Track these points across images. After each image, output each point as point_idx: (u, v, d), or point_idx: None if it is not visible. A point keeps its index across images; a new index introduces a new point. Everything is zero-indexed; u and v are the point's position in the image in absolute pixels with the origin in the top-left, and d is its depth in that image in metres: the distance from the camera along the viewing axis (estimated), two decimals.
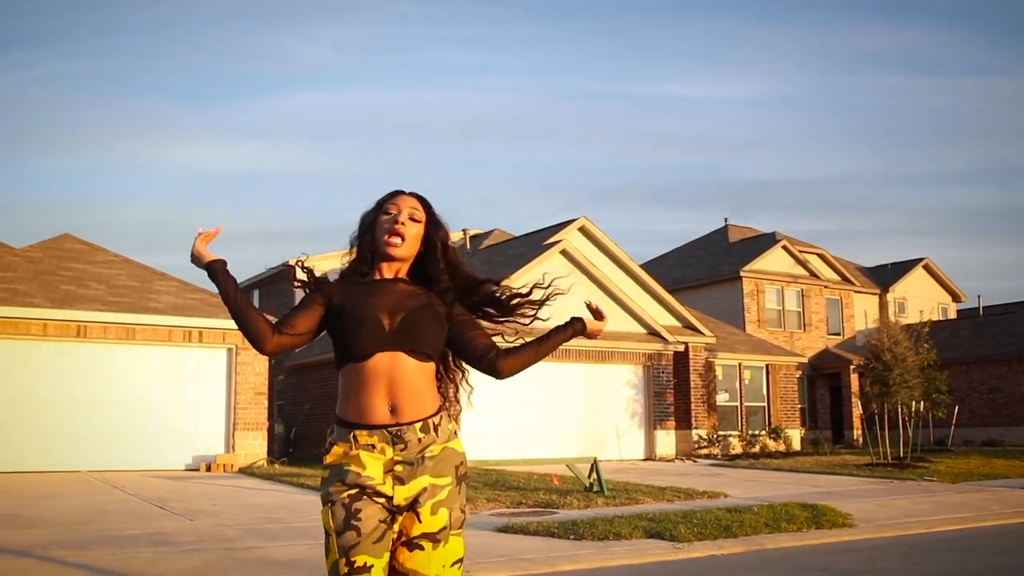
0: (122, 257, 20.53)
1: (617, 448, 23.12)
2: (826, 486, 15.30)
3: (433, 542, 2.98)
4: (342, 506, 2.92)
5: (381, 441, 2.98)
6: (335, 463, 3.00)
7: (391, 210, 3.16)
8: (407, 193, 3.25)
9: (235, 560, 7.78)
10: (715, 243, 38.26)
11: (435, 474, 3.01)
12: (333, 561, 2.91)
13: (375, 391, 2.99)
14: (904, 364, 20.58)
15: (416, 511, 2.98)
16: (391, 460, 2.97)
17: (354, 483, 2.94)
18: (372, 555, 2.90)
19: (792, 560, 8.30)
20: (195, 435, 18.23)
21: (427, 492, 3.00)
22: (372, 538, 2.91)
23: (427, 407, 3.05)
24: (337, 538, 2.90)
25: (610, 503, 12.17)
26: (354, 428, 3.00)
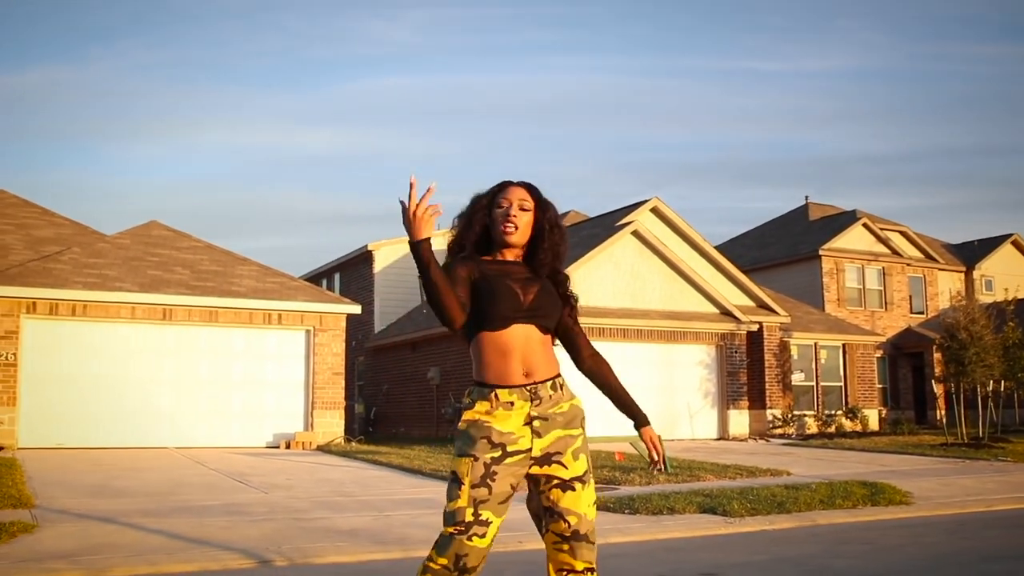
0: (205, 243, 21.34)
1: (690, 427, 23.27)
2: (894, 465, 15.28)
3: (582, 483, 3.42)
4: (483, 464, 3.30)
5: (520, 399, 3.39)
6: (478, 419, 3.38)
7: (503, 203, 3.54)
8: (515, 184, 3.61)
9: (300, 528, 8.25)
10: (794, 222, 37.90)
11: (566, 427, 3.45)
12: (460, 507, 3.29)
13: (512, 357, 3.42)
14: (981, 343, 20.30)
15: (560, 461, 3.40)
16: (528, 415, 3.39)
17: (498, 442, 3.33)
18: (496, 513, 3.31)
19: (839, 535, 8.47)
20: (275, 414, 18.97)
21: (564, 442, 3.42)
22: (499, 498, 3.32)
23: (553, 369, 3.51)
24: (471, 489, 3.29)
25: (671, 480, 12.36)
26: (495, 388, 3.40)
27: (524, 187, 3.61)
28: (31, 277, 17.59)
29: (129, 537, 7.67)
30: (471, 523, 3.27)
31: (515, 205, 3.54)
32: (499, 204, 3.55)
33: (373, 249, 27.87)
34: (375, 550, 7.41)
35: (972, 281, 37.21)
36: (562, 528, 3.39)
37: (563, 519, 3.39)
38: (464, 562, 3.27)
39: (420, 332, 24.64)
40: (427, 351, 24.69)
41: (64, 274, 18.00)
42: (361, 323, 26.57)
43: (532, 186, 3.64)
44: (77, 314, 17.59)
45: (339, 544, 7.56)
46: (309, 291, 20.38)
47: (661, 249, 23.23)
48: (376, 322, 27.70)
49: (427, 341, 24.60)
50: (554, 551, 3.43)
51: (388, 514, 9.31)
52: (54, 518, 8.58)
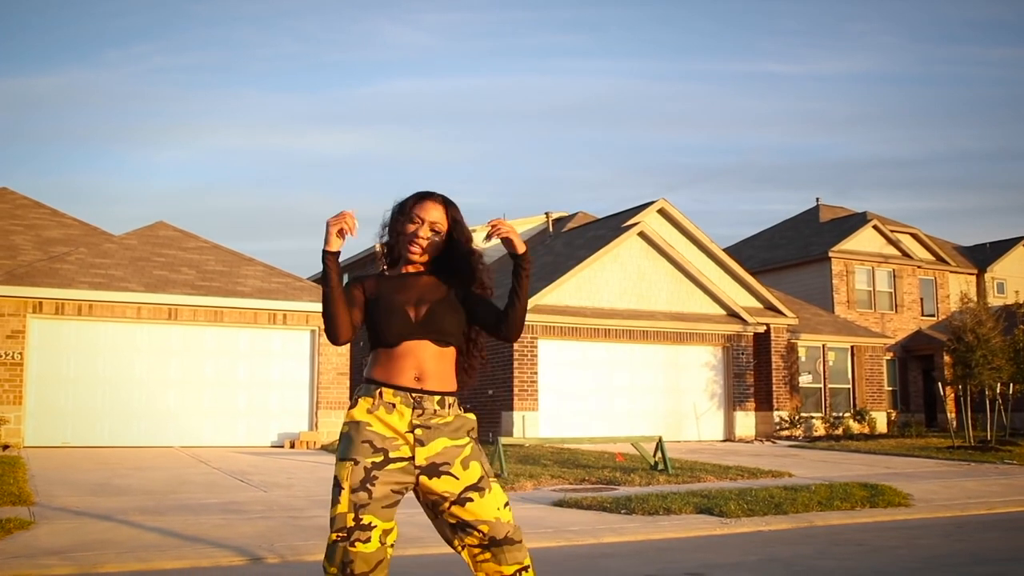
0: (212, 243, 21.42)
1: (696, 429, 23.23)
2: (898, 467, 15.23)
3: (478, 491, 3.33)
4: (363, 468, 3.22)
5: (403, 403, 3.33)
6: (359, 420, 3.31)
7: (415, 220, 3.48)
8: (431, 199, 3.53)
9: (295, 527, 8.27)
10: (805, 224, 37.79)
11: (452, 437, 3.36)
12: (341, 513, 3.23)
13: (404, 361, 3.37)
14: (988, 345, 20.23)
15: (449, 472, 3.31)
16: (410, 423, 3.32)
17: (380, 447, 3.26)
18: (380, 518, 3.23)
19: (833, 536, 8.45)
20: (280, 413, 19.02)
21: (451, 452, 3.34)
22: (382, 503, 3.24)
23: (447, 385, 3.43)
24: (351, 494, 3.21)
25: (672, 481, 12.36)
26: (381, 386, 3.35)
27: (441, 204, 3.55)
28: (37, 277, 17.69)
29: (124, 534, 7.72)
30: (352, 528, 3.20)
31: (426, 226, 3.49)
32: (412, 219, 3.50)
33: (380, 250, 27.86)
34: None
35: (983, 284, 37.03)
36: (477, 539, 3.35)
37: (475, 530, 3.34)
38: (351, 569, 3.18)
39: None
40: None
41: (70, 274, 18.10)
42: None
43: (449, 204, 3.57)
44: (83, 314, 17.68)
45: None
46: (314, 291, 20.40)
47: (667, 250, 23.21)
48: None
49: None
50: (478, 564, 3.38)
51: None
52: (52, 515, 8.64)
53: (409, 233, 3.50)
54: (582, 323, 21.86)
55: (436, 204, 3.53)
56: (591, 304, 22.29)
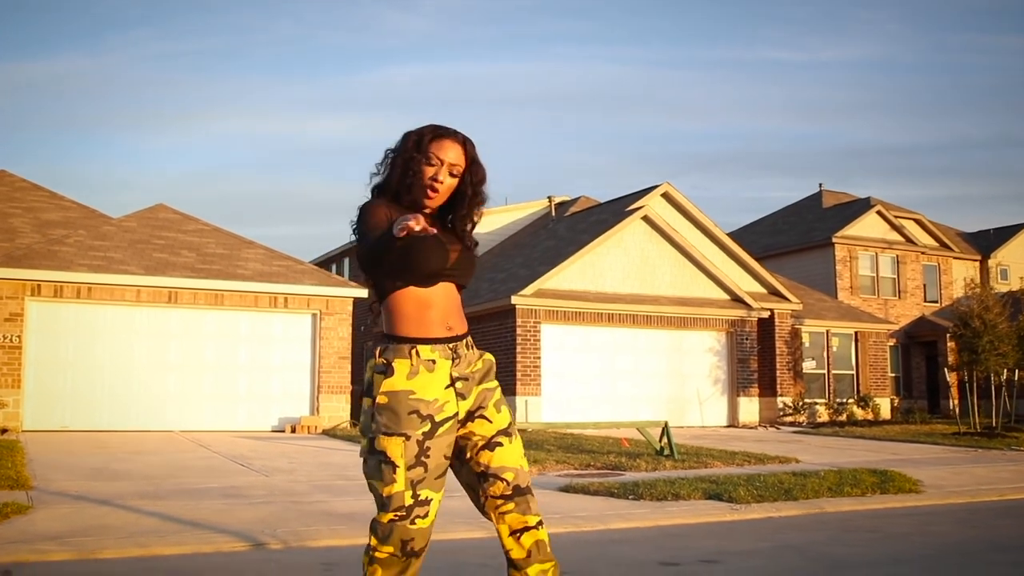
0: (212, 226, 21.24)
1: (699, 414, 23.09)
2: (905, 454, 15.08)
3: (508, 436, 3.28)
4: (416, 443, 3.07)
5: (442, 356, 3.16)
6: (400, 391, 3.10)
7: (433, 162, 3.19)
8: (451, 137, 3.25)
9: (298, 512, 8.12)
10: (808, 209, 37.60)
11: (486, 380, 3.30)
12: (397, 492, 3.06)
13: (434, 309, 3.19)
14: (995, 331, 20.07)
15: (483, 415, 3.25)
16: (450, 375, 3.17)
17: (426, 414, 3.09)
18: (434, 489, 3.12)
19: (845, 522, 8.29)
20: (281, 397, 18.88)
21: (484, 395, 3.28)
22: (436, 473, 3.13)
23: (466, 326, 3.32)
24: (407, 471, 3.06)
25: (678, 466, 12.20)
26: (415, 343, 3.15)
27: (461, 144, 3.27)
28: (35, 259, 17.52)
29: (123, 519, 7.56)
30: (411, 507, 3.08)
31: (445, 169, 3.22)
32: (429, 160, 3.21)
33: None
34: None
35: (987, 270, 36.87)
36: (501, 489, 3.22)
37: (499, 479, 3.23)
38: (411, 546, 3.10)
39: None
40: None
41: (69, 256, 17.92)
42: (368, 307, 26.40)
43: (469, 143, 3.30)
44: (82, 297, 17.51)
45: (336, 527, 7.43)
46: (316, 275, 20.26)
47: (671, 234, 23.02)
48: None
49: None
50: (500, 515, 3.25)
51: None
52: (50, 500, 8.48)
53: (428, 178, 3.22)
54: (585, 307, 21.69)
55: (455, 143, 3.26)
56: (594, 288, 22.12)
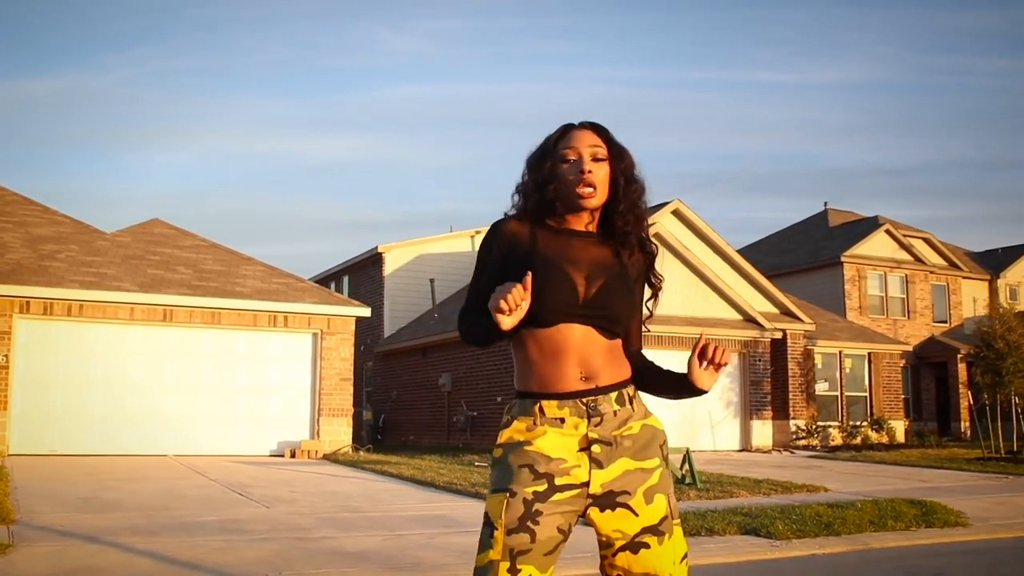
0: (209, 242, 20.56)
1: (711, 438, 22.41)
2: (934, 481, 14.43)
3: (658, 535, 2.54)
4: (523, 502, 2.45)
5: (573, 414, 2.52)
6: (516, 441, 2.54)
7: (570, 155, 2.64)
8: (577, 128, 2.72)
9: (303, 550, 7.43)
10: (814, 228, 37.02)
11: (639, 457, 2.57)
12: (492, 561, 2.45)
13: (565, 357, 2.55)
14: (1019, 352, 19.45)
15: (628, 504, 2.52)
16: (585, 438, 2.52)
17: (544, 471, 2.47)
18: (540, 567, 2.46)
19: (901, 561, 7.63)
20: (280, 421, 18.16)
21: (634, 477, 2.54)
22: (545, 548, 2.46)
23: (622, 373, 2.63)
24: (506, 536, 2.44)
25: (703, 496, 11.58)
26: (540, 399, 2.54)
27: (593, 129, 2.68)
28: (25, 275, 16.81)
29: (113, 560, 6.87)
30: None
31: (587, 157, 2.61)
32: (564, 157, 2.62)
33: (383, 251, 27.07)
34: None
35: (996, 290, 36.31)
36: None
37: None
38: None
39: (431, 337, 23.81)
40: (438, 357, 23.86)
41: (60, 272, 17.21)
42: (370, 327, 25.77)
43: (603, 128, 2.71)
44: (73, 314, 16.79)
45: (345, 570, 6.75)
46: (316, 292, 19.58)
47: (683, 253, 22.40)
48: (386, 326, 26.88)
49: (438, 346, 23.77)
50: None
51: (400, 533, 8.46)
52: (33, 536, 7.78)
53: (569, 169, 2.62)
54: None
55: (583, 129, 2.69)
56: None
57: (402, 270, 27.21)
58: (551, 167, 2.64)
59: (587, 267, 2.58)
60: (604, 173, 2.63)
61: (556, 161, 2.64)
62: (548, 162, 2.65)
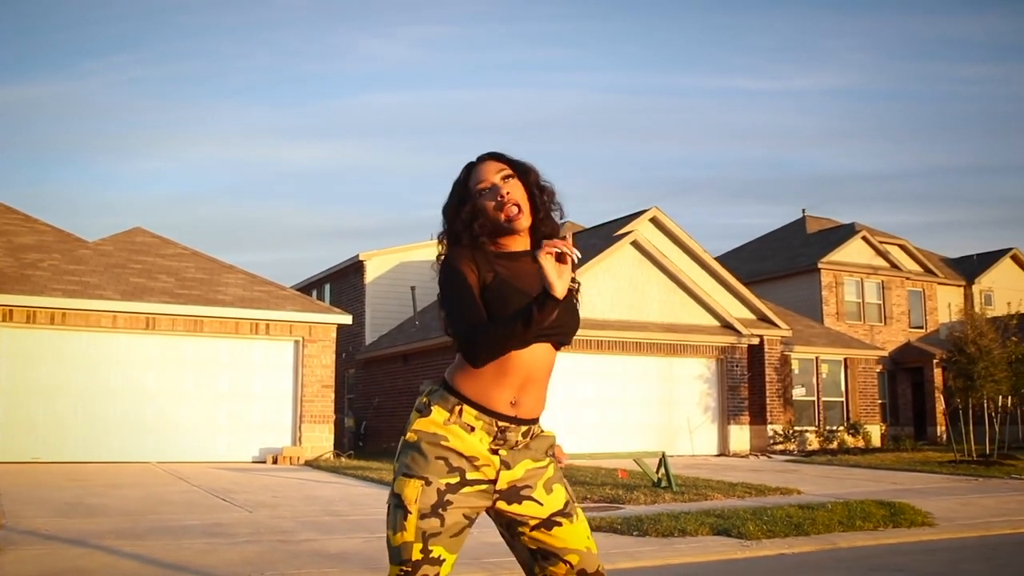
0: (191, 250, 20.70)
1: (689, 443, 22.67)
2: (906, 483, 14.72)
3: (567, 516, 2.84)
4: (437, 491, 2.71)
5: (482, 429, 2.76)
6: (435, 433, 2.76)
7: (483, 186, 2.82)
8: (479, 161, 2.90)
9: (286, 552, 7.62)
10: (792, 235, 37.42)
11: (536, 458, 2.87)
12: (406, 542, 2.70)
13: (505, 382, 2.77)
14: (990, 357, 19.79)
15: (532, 496, 2.81)
16: (491, 446, 2.79)
17: (457, 465, 2.74)
18: (448, 549, 2.75)
19: (866, 560, 7.88)
20: (262, 427, 18.30)
21: (533, 474, 2.84)
22: (452, 531, 2.75)
23: (538, 410, 2.88)
24: (419, 520, 2.70)
25: (678, 499, 11.82)
26: (463, 402, 2.78)
27: (492, 158, 2.88)
28: (7, 284, 16.92)
29: (99, 561, 7.04)
30: (419, 562, 2.69)
31: (499, 181, 2.81)
32: (478, 191, 2.81)
33: (364, 259, 27.25)
34: None
35: (971, 295, 36.74)
36: (564, 571, 2.81)
37: (561, 560, 2.81)
38: None
39: (412, 344, 24.00)
40: (419, 363, 24.04)
41: (43, 281, 17.33)
42: (352, 334, 25.93)
43: (500, 154, 2.90)
44: (56, 322, 16.90)
45: (327, 570, 6.94)
46: (298, 300, 19.74)
47: (661, 260, 22.67)
48: (367, 334, 27.06)
49: (420, 353, 23.96)
50: None
51: (381, 536, 8.59)
52: (19, 540, 7.94)
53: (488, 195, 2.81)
54: None
55: (487, 161, 2.87)
56: (583, 315, 21.61)
57: (383, 278, 27.38)
58: (471, 207, 2.82)
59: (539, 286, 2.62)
60: (520, 191, 2.82)
61: (473, 199, 2.82)
62: (467, 204, 2.83)
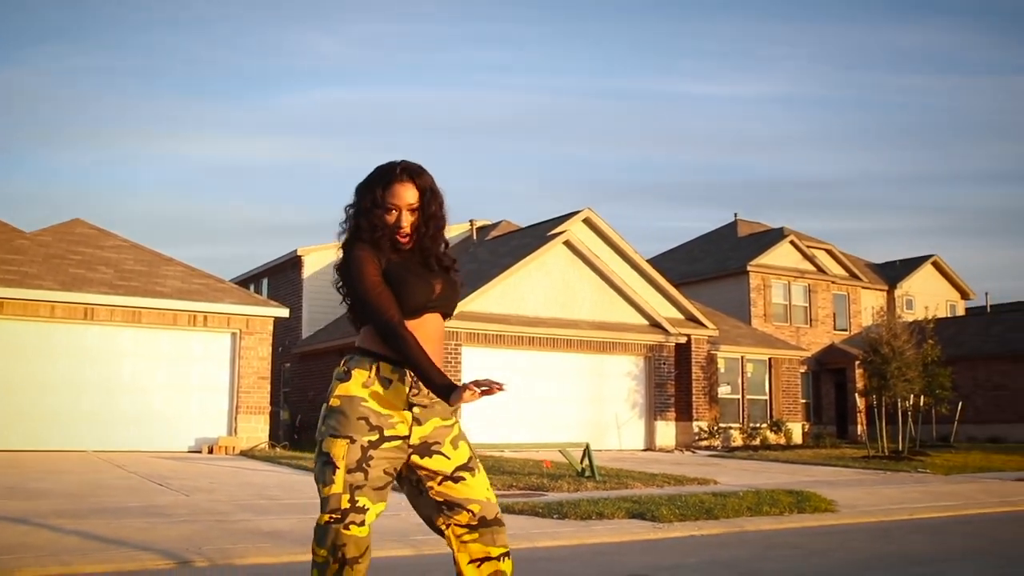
0: (130, 242, 20.84)
1: (617, 438, 23.32)
2: (818, 476, 15.46)
3: (469, 471, 3.29)
4: (360, 448, 3.15)
5: (399, 380, 3.24)
6: (354, 396, 3.21)
7: (392, 211, 3.31)
8: (399, 181, 3.34)
9: (223, 530, 8.01)
10: (724, 238, 38.36)
11: (443, 416, 3.31)
12: (335, 493, 3.14)
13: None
14: (903, 358, 20.70)
15: (441, 451, 3.27)
16: (407, 400, 3.24)
17: (376, 424, 3.18)
18: (372, 500, 3.18)
19: (767, 540, 8.49)
20: (199, 418, 18.55)
21: (442, 431, 3.30)
22: (376, 483, 3.18)
23: (439, 363, 3.32)
24: (346, 474, 3.13)
25: (600, 487, 12.33)
26: (379, 359, 3.23)
27: (411, 180, 3.36)
28: None
29: (42, 538, 7.38)
30: (347, 510, 3.14)
31: (404, 213, 3.33)
32: (388, 209, 3.32)
33: (302, 254, 27.49)
34: (298, 551, 7.20)
35: (894, 300, 37.94)
36: (467, 519, 3.29)
37: (464, 509, 3.28)
38: (343, 552, 3.13)
39: (349, 338, 24.29)
40: None
41: None
42: (288, 329, 26.18)
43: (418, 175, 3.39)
44: None
45: (262, 545, 7.37)
46: (236, 293, 20.01)
47: (592, 260, 23.28)
48: (304, 328, 27.32)
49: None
50: (462, 543, 3.31)
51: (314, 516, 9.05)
52: None
53: (391, 226, 3.34)
54: (507, 331, 21.78)
55: (405, 183, 3.36)
56: (516, 312, 22.23)
57: (321, 273, 27.64)
58: (380, 215, 3.32)
59: (427, 273, 3.34)
60: (415, 219, 3.37)
61: (381, 210, 3.32)
62: (377, 210, 3.33)
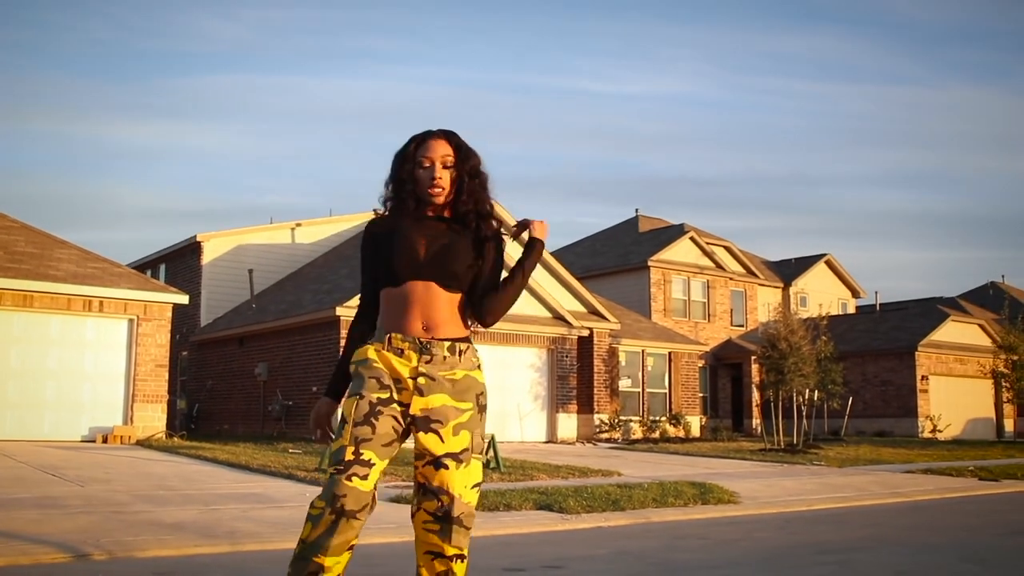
0: (21, 223, 20.06)
1: (519, 430, 23.39)
2: (718, 468, 15.73)
3: (457, 462, 3.19)
4: (368, 403, 3.16)
5: (411, 349, 3.22)
6: (368, 359, 3.25)
7: (425, 163, 3.32)
8: (434, 136, 3.39)
9: (121, 522, 7.76)
10: (625, 233, 38.77)
11: (456, 398, 3.24)
12: (341, 446, 3.11)
13: (411, 310, 3.26)
14: (799, 353, 21.22)
15: (438, 431, 3.19)
16: (415, 368, 3.21)
17: (387, 383, 3.20)
18: (378, 455, 3.13)
19: (674, 531, 8.59)
20: (93, 406, 17.96)
21: (447, 412, 3.22)
22: (383, 440, 3.14)
23: (458, 331, 3.30)
24: (353, 427, 3.12)
25: (505, 478, 12.35)
26: (390, 333, 3.25)
27: (445, 139, 3.40)
28: None
29: None
30: (351, 462, 3.08)
31: (438, 164, 3.33)
32: (421, 164, 3.34)
33: (202, 240, 26.86)
34: (202, 543, 7.03)
35: (789, 297, 38.92)
36: (434, 507, 3.21)
37: (436, 498, 3.21)
38: (341, 503, 3.05)
39: (249, 327, 23.90)
40: (255, 346, 23.97)
41: None
42: (187, 316, 25.57)
43: (453, 136, 3.43)
44: None
45: (163, 537, 7.15)
46: (133, 278, 19.43)
47: None
48: (203, 316, 26.69)
49: (256, 336, 23.89)
50: (423, 531, 3.24)
51: (216, 508, 8.88)
52: None
53: (425, 172, 3.33)
54: None
55: (437, 139, 3.38)
56: None
57: (221, 260, 27.08)
58: (411, 170, 3.35)
59: (431, 236, 3.28)
60: (452, 175, 3.36)
61: (415, 166, 3.35)
62: (408, 165, 3.36)
